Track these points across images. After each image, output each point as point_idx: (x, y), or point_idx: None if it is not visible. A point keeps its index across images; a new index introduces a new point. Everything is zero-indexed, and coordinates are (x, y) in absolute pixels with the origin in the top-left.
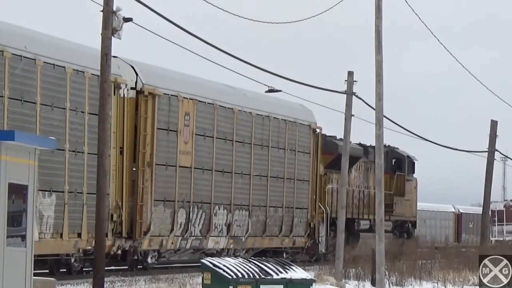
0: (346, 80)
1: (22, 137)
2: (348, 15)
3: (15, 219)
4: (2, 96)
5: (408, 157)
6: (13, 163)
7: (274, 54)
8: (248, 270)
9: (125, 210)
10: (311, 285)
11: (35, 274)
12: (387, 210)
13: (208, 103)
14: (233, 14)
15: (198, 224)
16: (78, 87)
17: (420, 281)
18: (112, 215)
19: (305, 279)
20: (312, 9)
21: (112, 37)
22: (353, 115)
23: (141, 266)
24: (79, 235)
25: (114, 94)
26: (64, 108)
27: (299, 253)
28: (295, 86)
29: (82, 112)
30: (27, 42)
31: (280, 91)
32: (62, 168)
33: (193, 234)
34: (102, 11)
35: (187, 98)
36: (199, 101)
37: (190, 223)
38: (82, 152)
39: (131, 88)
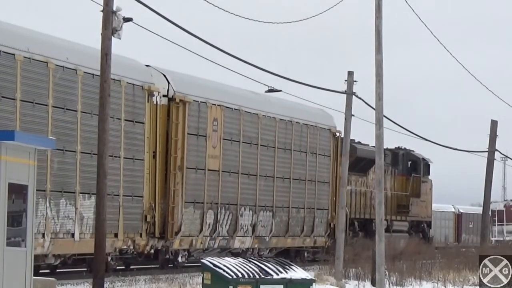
0: (346, 80)
1: (22, 137)
2: (348, 15)
3: (15, 219)
4: (46, 105)
5: (424, 159)
6: (13, 163)
7: (274, 54)
8: (248, 270)
9: (158, 211)
10: (311, 285)
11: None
12: (404, 211)
13: (234, 109)
14: (234, 14)
15: (225, 225)
16: (115, 95)
17: (420, 281)
18: (146, 216)
19: (305, 279)
20: (312, 9)
21: (112, 37)
22: (353, 115)
23: (171, 265)
24: (116, 235)
25: (148, 102)
26: None
27: (319, 252)
28: (295, 86)
29: (118, 119)
30: (68, 53)
31: (280, 91)
32: None
33: (220, 234)
34: (102, 11)
35: (215, 105)
36: (226, 107)
37: (218, 224)
38: (119, 157)
39: (163, 96)
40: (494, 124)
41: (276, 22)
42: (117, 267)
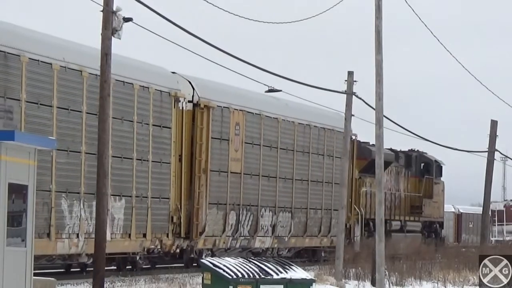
0: (346, 80)
1: (22, 137)
2: (348, 15)
3: (15, 219)
4: (80, 111)
5: (436, 161)
6: (13, 163)
7: (274, 54)
8: (248, 270)
9: (183, 212)
10: (311, 285)
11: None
12: (417, 212)
13: (255, 113)
14: (234, 14)
15: (247, 225)
16: (144, 101)
17: (420, 281)
18: (172, 217)
19: (305, 279)
20: (312, 9)
21: (112, 37)
22: (353, 115)
23: (195, 264)
24: (144, 235)
25: (174, 107)
26: (131, 121)
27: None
28: (295, 86)
29: (147, 124)
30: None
31: (280, 91)
32: (130, 175)
33: (242, 235)
34: (102, 11)
35: (237, 110)
36: (247, 112)
37: (239, 224)
38: (147, 160)
39: (189, 101)
40: (494, 124)
41: (276, 22)
42: (144, 266)
